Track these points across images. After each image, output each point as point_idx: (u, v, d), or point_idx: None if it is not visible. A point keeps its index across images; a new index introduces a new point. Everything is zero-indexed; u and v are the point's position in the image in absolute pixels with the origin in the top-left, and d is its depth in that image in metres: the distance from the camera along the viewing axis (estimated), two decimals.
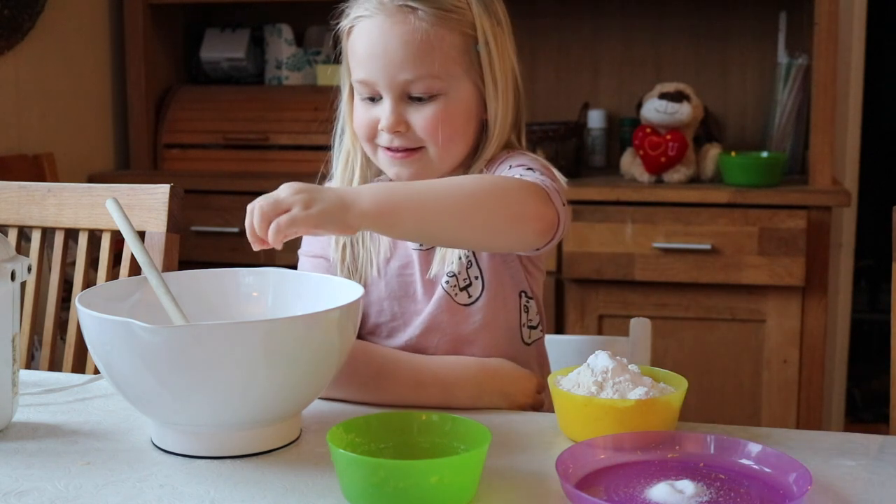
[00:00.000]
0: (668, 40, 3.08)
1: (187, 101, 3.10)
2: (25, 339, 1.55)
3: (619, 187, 2.64)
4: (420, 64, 1.22)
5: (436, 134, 1.24)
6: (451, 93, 1.24)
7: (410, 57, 1.22)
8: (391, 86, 1.24)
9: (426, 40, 1.22)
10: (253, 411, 1.03)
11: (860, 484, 0.98)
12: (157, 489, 0.97)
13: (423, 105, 1.24)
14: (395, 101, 1.24)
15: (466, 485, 0.92)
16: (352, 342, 1.11)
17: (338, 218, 1.03)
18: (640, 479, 0.95)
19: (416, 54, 1.22)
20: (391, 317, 1.31)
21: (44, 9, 2.76)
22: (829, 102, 2.61)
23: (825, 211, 2.56)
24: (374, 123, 1.26)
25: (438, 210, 1.09)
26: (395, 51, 1.22)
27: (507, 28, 1.29)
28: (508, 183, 1.15)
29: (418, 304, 1.30)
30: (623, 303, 2.66)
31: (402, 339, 1.30)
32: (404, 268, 1.31)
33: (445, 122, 1.24)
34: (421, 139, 1.25)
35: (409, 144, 1.26)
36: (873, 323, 4.06)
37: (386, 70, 1.23)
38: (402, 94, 1.24)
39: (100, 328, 1.01)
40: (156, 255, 1.49)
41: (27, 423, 1.15)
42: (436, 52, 1.22)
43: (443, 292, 1.28)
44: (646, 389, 1.07)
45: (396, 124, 1.24)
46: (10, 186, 1.60)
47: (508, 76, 1.28)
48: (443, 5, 1.23)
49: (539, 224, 1.14)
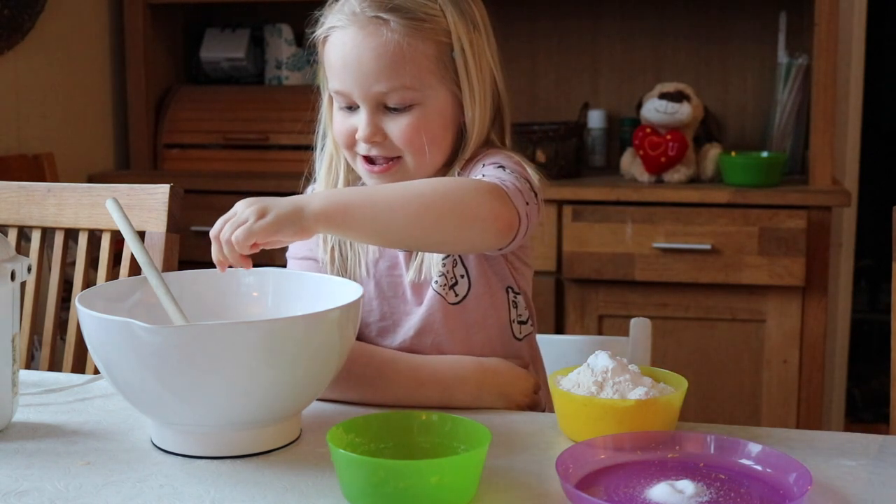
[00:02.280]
0: (668, 40, 3.08)
1: (187, 101, 3.10)
2: (25, 339, 1.55)
3: (619, 187, 2.64)
4: (393, 76, 1.22)
5: (413, 143, 1.24)
6: (427, 102, 1.24)
7: (384, 69, 1.21)
8: (366, 97, 1.24)
9: (399, 52, 1.21)
10: (253, 411, 1.03)
11: (860, 484, 0.98)
12: (157, 489, 0.97)
13: (399, 115, 1.24)
14: (371, 112, 1.24)
15: (466, 485, 0.92)
16: (352, 342, 1.11)
17: (293, 222, 1.06)
18: (640, 479, 0.95)
19: (390, 66, 1.21)
20: (380, 316, 1.31)
21: (44, 9, 2.76)
22: (829, 102, 2.61)
23: (825, 211, 2.56)
24: (353, 132, 1.27)
25: (389, 210, 1.09)
26: (367, 63, 1.22)
27: (486, 30, 1.29)
28: (463, 184, 1.15)
29: (408, 304, 1.30)
30: (623, 303, 2.66)
31: (396, 341, 1.30)
32: (392, 268, 1.31)
33: (422, 131, 1.24)
34: (398, 148, 1.26)
35: (387, 153, 1.26)
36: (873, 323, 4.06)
37: (360, 82, 1.23)
38: (378, 104, 1.24)
39: (100, 328, 1.01)
40: (156, 255, 1.49)
41: (27, 423, 1.15)
42: (409, 63, 1.22)
43: (434, 293, 1.28)
44: (646, 389, 1.07)
45: (373, 135, 1.24)
46: (10, 186, 1.60)
47: (486, 79, 1.28)
48: (415, 15, 1.22)
49: (496, 224, 1.13)
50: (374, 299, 1.31)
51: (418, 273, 1.28)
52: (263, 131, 3.00)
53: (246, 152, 3.01)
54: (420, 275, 1.28)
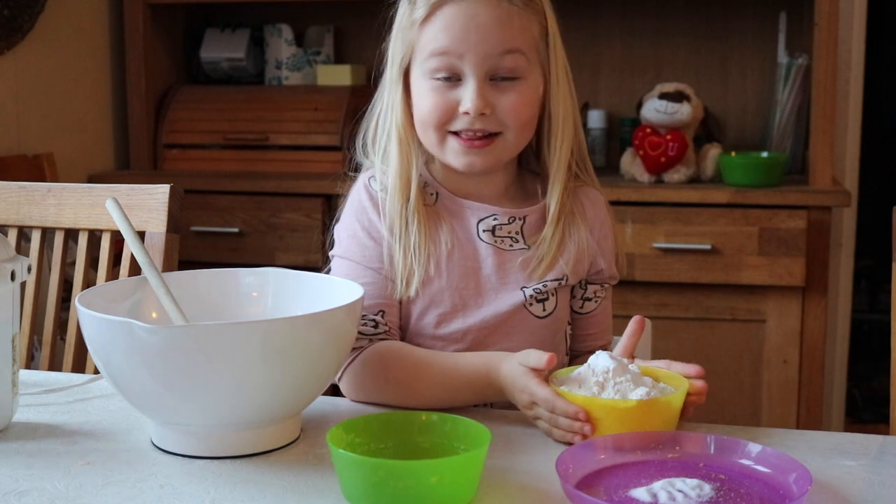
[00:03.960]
0: (668, 40, 3.08)
1: (187, 101, 3.10)
2: (25, 339, 1.55)
3: (619, 187, 2.64)
4: (512, 39, 1.25)
5: (520, 116, 1.26)
6: (531, 78, 1.28)
7: (505, 33, 1.24)
8: (481, 63, 1.24)
9: (517, 20, 1.25)
10: (253, 411, 1.03)
11: (860, 484, 0.98)
12: (157, 489, 0.97)
13: (507, 88, 1.25)
14: (481, 81, 1.25)
15: (466, 485, 0.92)
16: (352, 342, 1.11)
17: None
18: (640, 479, 0.95)
19: (510, 31, 1.25)
20: (451, 308, 1.29)
21: (44, 9, 2.76)
22: (829, 102, 2.61)
23: (825, 211, 2.56)
24: (451, 107, 1.26)
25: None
26: (489, 27, 1.24)
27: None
28: None
29: (481, 297, 1.29)
30: (623, 303, 2.65)
31: (463, 326, 1.29)
32: (467, 259, 1.30)
33: (526, 106, 1.27)
34: (501, 123, 1.26)
35: (491, 128, 1.26)
36: (873, 323, 4.06)
37: (478, 47, 1.24)
38: (487, 74, 1.25)
39: (100, 328, 1.01)
40: (156, 255, 1.49)
41: (27, 423, 1.15)
42: (524, 32, 1.26)
43: (522, 297, 1.29)
44: (647, 389, 1.07)
45: (484, 105, 1.24)
46: (10, 186, 1.60)
47: (565, 74, 1.32)
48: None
49: None
50: (445, 290, 1.29)
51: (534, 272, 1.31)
52: (263, 131, 3.00)
53: (246, 152, 3.01)
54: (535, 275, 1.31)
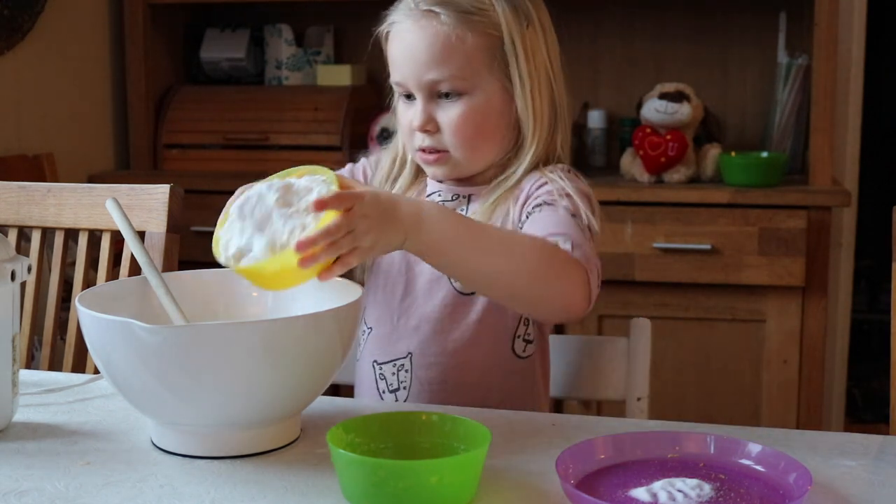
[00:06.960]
0: (668, 40, 3.07)
1: (187, 101, 3.10)
2: (25, 339, 1.55)
3: (619, 187, 2.64)
4: (443, 64, 1.28)
5: (461, 132, 1.30)
6: (477, 92, 1.30)
7: (434, 58, 1.29)
8: (420, 86, 1.30)
9: (447, 42, 1.28)
10: (253, 411, 1.03)
11: (860, 484, 0.98)
12: (157, 489, 0.97)
13: (450, 104, 1.30)
14: (425, 101, 1.31)
15: (466, 485, 0.92)
16: (352, 342, 1.11)
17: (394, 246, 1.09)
18: (640, 479, 0.95)
19: (439, 55, 1.28)
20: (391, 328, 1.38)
21: (44, 9, 2.76)
22: (829, 102, 2.61)
23: (825, 211, 2.56)
24: (410, 123, 1.33)
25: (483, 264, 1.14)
26: (420, 53, 1.29)
27: (544, 30, 1.33)
28: (565, 267, 1.17)
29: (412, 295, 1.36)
30: (623, 303, 2.66)
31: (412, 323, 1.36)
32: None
33: (471, 120, 1.30)
34: (445, 143, 1.31)
35: (438, 146, 1.32)
36: (873, 323, 4.06)
37: (413, 71, 1.30)
38: (431, 93, 1.31)
39: (100, 328, 1.01)
40: (156, 255, 1.49)
41: (27, 423, 1.15)
42: (457, 53, 1.28)
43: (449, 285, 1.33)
44: None
45: (426, 123, 1.31)
46: (10, 186, 1.60)
47: (541, 77, 1.32)
48: (465, 8, 1.29)
49: (565, 313, 1.21)
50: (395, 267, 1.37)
51: None
52: (263, 131, 3.00)
53: (246, 152, 3.01)
54: None
